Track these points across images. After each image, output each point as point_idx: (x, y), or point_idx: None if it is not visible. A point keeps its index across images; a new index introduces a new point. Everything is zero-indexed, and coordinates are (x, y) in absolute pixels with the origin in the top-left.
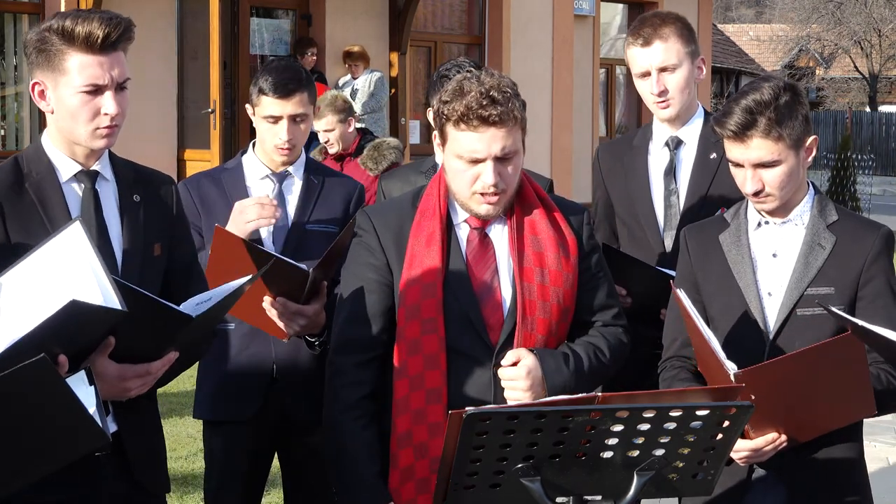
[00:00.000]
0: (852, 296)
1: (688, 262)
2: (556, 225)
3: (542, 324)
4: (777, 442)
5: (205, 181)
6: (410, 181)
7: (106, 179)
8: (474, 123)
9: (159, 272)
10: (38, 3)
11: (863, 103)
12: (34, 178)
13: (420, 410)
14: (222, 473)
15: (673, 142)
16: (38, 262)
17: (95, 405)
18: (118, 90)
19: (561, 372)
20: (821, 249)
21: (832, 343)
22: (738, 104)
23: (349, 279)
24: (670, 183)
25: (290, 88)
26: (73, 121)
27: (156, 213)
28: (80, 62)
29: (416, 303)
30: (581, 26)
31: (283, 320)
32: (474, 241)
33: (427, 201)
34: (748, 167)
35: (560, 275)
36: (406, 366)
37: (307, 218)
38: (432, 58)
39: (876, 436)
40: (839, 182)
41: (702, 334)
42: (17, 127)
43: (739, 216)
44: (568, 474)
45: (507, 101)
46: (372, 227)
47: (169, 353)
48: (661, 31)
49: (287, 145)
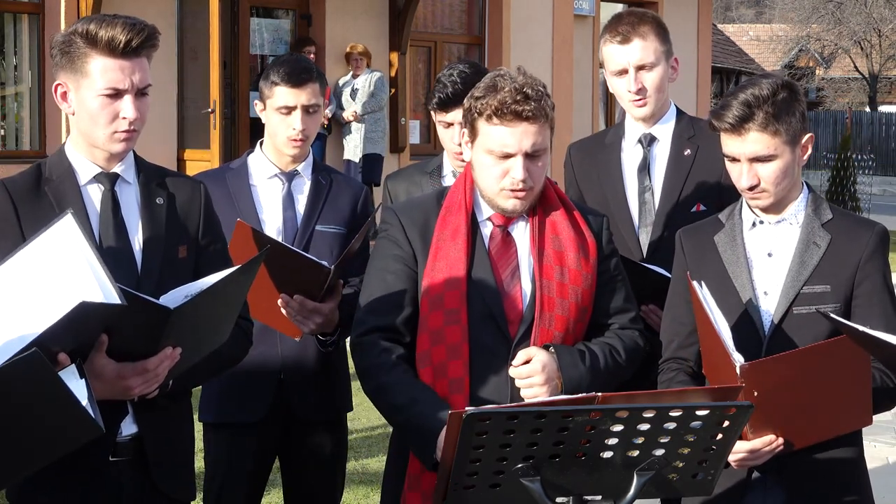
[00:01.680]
0: (848, 294)
1: (683, 264)
2: (576, 226)
3: (560, 321)
4: (774, 445)
5: (208, 180)
6: (415, 182)
7: (127, 182)
8: (508, 118)
9: (185, 274)
10: (38, 3)
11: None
12: (54, 182)
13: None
14: (226, 475)
15: (646, 139)
16: (30, 256)
17: (87, 398)
18: (139, 95)
19: (577, 367)
20: (816, 248)
21: (840, 341)
22: (735, 98)
23: (374, 272)
24: (644, 180)
25: (303, 78)
26: (93, 123)
27: (181, 216)
28: (101, 65)
29: (440, 293)
30: (581, 26)
31: (298, 318)
32: (497, 238)
33: (452, 197)
34: (744, 161)
35: (579, 274)
36: (430, 354)
37: (316, 218)
38: (432, 58)
39: (876, 436)
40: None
41: (712, 325)
42: (17, 127)
43: (734, 216)
44: (568, 474)
45: (540, 99)
46: (398, 221)
47: (166, 350)
48: (639, 29)
49: (301, 136)
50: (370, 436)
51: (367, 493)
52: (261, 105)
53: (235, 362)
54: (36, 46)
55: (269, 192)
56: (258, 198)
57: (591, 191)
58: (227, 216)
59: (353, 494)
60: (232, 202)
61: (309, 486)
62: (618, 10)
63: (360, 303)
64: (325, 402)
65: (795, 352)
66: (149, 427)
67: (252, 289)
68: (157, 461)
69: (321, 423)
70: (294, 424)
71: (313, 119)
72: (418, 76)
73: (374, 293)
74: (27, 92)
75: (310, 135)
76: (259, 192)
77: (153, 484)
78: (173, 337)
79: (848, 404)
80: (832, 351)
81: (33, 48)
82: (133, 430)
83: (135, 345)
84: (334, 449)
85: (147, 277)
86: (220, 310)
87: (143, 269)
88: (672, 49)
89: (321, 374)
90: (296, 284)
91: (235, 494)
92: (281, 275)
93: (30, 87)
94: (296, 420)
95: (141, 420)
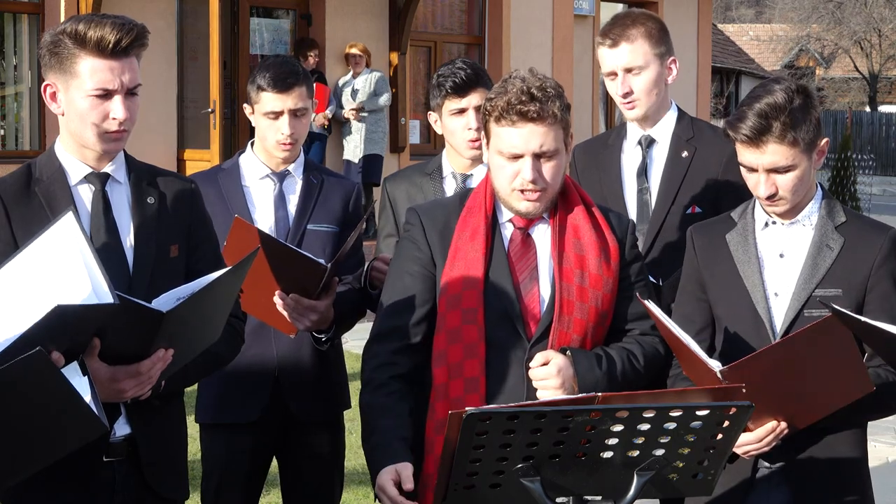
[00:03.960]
0: (860, 298)
1: (694, 261)
2: (599, 230)
3: (579, 324)
4: (778, 430)
5: (200, 181)
6: (415, 183)
7: (118, 182)
8: (513, 119)
9: (177, 273)
10: (38, 3)
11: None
12: (44, 182)
13: (458, 399)
14: (223, 475)
15: (645, 141)
16: (32, 254)
17: (91, 395)
18: (128, 95)
19: (593, 372)
20: (829, 251)
21: (813, 328)
22: (751, 108)
23: (393, 272)
24: (642, 182)
25: (289, 83)
26: (82, 124)
27: (173, 215)
28: (90, 66)
29: (457, 293)
30: (581, 26)
31: (294, 315)
32: (517, 240)
33: (474, 199)
34: (762, 172)
35: (600, 279)
36: (446, 354)
37: (308, 217)
38: (432, 58)
39: (876, 436)
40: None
41: (679, 339)
42: (17, 127)
43: (746, 216)
44: (568, 474)
45: (547, 100)
46: (419, 221)
47: (158, 352)
48: (628, 33)
49: (289, 140)
50: None
51: (366, 493)
52: (249, 108)
53: (228, 361)
54: (36, 46)
55: (260, 193)
56: (250, 198)
57: (592, 191)
58: (219, 217)
59: (352, 494)
60: (224, 203)
61: (307, 485)
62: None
63: (380, 303)
64: (322, 402)
65: (771, 346)
66: (141, 427)
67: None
68: (150, 461)
69: (318, 423)
70: (291, 424)
71: (301, 122)
72: (418, 76)
73: (391, 294)
74: (27, 92)
75: (298, 138)
76: (251, 193)
77: (146, 484)
78: (166, 339)
79: (842, 378)
80: (808, 338)
81: (33, 48)
82: (126, 430)
83: (127, 347)
84: (332, 448)
85: (139, 277)
86: (211, 310)
87: (134, 269)
88: (670, 50)
89: (317, 374)
90: (292, 281)
91: (232, 494)
92: (277, 272)
93: (29, 87)
94: (293, 420)
95: (133, 421)
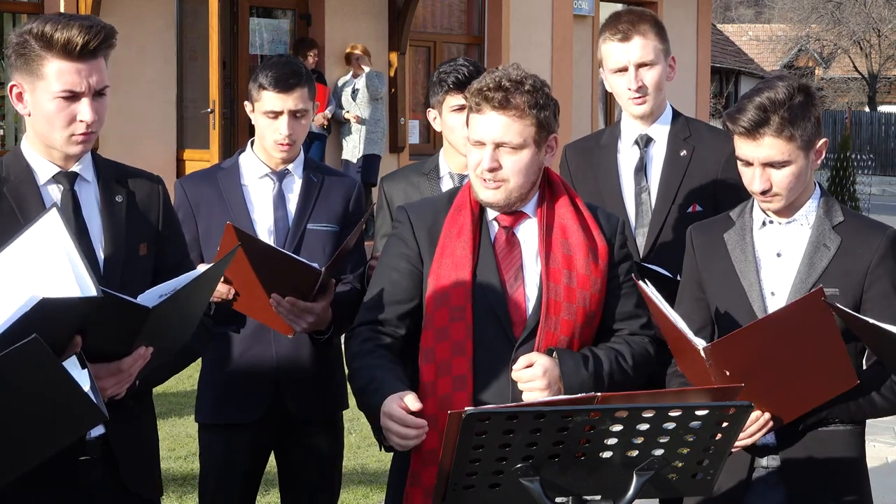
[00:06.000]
0: (857, 297)
1: (693, 260)
2: (587, 230)
3: (566, 325)
4: (762, 421)
5: (200, 180)
6: (412, 183)
7: (86, 181)
8: (479, 105)
9: (146, 271)
10: (38, 3)
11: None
12: (12, 182)
13: (446, 396)
14: (221, 475)
15: (643, 139)
16: (16, 251)
17: (90, 386)
18: (96, 97)
19: (579, 372)
20: (826, 250)
21: (795, 305)
22: (751, 101)
23: (381, 269)
24: (641, 181)
25: (290, 83)
26: (49, 126)
27: (141, 213)
28: (57, 68)
29: (445, 291)
30: (580, 26)
31: (290, 318)
32: (501, 238)
33: (462, 196)
34: (757, 165)
35: (588, 279)
36: (434, 351)
37: (308, 217)
38: (432, 58)
39: (876, 436)
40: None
41: (667, 317)
42: (17, 127)
43: (744, 215)
44: (567, 474)
45: (517, 91)
46: (408, 218)
47: (139, 349)
48: (639, 27)
49: (287, 140)
50: (369, 435)
51: (366, 492)
52: (250, 106)
53: (196, 357)
54: None
55: (260, 192)
56: (249, 197)
57: (587, 191)
58: (218, 216)
59: (352, 494)
60: (223, 202)
61: (306, 485)
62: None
63: (364, 299)
64: (321, 402)
65: (754, 323)
66: (115, 426)
67: (245, 287)
68: (125, 460)
69: (317, 423)
70: (290, 424)
71: (301, 123)
72: (418, 76)
73: (377, 290)
74: None
75: (297, 139)
76: (250, 192)
77: (121, 483)
78: (147, 336)
79: (825, 368)
80: (789, 316)
81: None
82: (100, 430)
83: (109, 344)
84: (330, 448)
85: (109, 276)
86: (189, 307)
87: (105, 268)
88: (669, 48)
89: (316, 374)
90: (289, 285)
91: (230, 494)
92: (272, 276)
93: None
94: (292, 420)
95: None
